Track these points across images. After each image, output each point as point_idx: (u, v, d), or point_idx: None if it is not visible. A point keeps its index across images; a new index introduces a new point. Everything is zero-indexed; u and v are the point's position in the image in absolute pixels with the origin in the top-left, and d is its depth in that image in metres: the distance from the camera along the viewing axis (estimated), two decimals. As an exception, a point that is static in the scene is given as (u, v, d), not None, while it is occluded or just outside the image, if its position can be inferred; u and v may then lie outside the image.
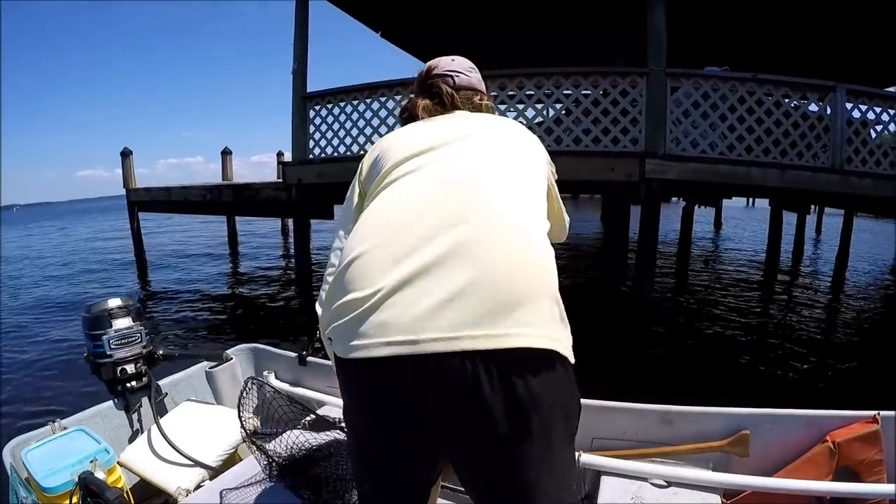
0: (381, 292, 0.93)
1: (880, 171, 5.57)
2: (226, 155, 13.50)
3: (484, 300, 0.90)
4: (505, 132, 1.20)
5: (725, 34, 8.84)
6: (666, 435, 1.89)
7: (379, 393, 0.95)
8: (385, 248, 0.98)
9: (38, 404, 4.44)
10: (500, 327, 0.89)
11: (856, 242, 11.97)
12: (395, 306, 0.92)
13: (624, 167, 5.27)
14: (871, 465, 1.71)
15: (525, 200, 1.07)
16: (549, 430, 0.92)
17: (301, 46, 6.98)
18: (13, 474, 1.85)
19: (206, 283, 10.14)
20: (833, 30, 8.46)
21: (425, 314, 0.90)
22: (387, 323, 0.91)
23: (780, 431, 1.81)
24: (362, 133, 6.50)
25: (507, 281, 0.92)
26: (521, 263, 0.95)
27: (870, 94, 5.68)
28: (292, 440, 1.98)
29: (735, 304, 8.23)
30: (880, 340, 6.66)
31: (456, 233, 0.95)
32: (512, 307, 0.90)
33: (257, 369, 2.81)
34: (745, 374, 5.33)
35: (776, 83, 5.40)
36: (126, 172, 9.91)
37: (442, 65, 1.37)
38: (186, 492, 1.93)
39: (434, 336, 0.88)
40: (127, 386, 2.37)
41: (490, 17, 8.91)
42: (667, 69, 5.32)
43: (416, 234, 0.97)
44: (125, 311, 2.37)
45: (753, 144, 5.37)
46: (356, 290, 0.96)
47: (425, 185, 1.06)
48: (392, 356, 0.89)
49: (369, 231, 1.04)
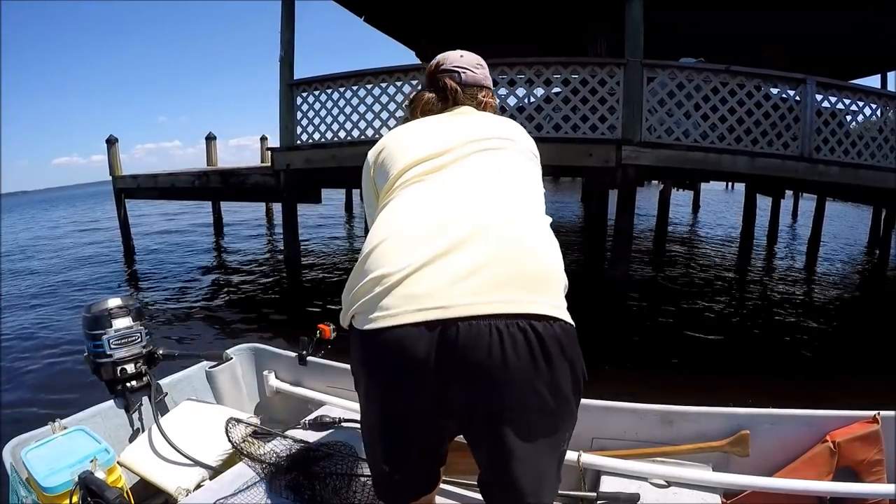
0: (408, 268, 0.99)
1: (848, 160, 5.81)
2: (210, 140, 13.44)
3: (507, 272, 0.98)
4: (506, 133, 1.27)
5: (706, 23, 9.03)
6: (666, 435, 1.90)
7: (406, 356, 0.97)
8: (408, 234, 1.05)
9: (38, 404, 4.42)
10: (521, 296, 0.97)
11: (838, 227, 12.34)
12: (421, 280, 0.98)
13: (601, 153, 5.48)
14: (871, 465, 1.72)
15: (533, 198, 1.17)
16: (559, 385, 0.99)
17: (288, 33, 7.03)
18: (13, 474, 1.85)
19: (194, 271, 10.14)
20: (806, 22, 8.72)
21: (452, 283, 0.97)
22: (414, 294, 0.97)
23: (780, 431, 1.83)
24: (349, 119, 6.61)
25: (524, 259, 1.02)
26: (536, 247, 1.06)
27: (839, 86, 5.92)
28: (292, 440, 2.02)
29: (706, 282, 8.65)
30: (842, 318, 7.05)
31: (475, 222, 1.03)
32: (531, 281, 1.00)
33: (257, 369, 2.82)
34: (714, 346, 5.68)
35: (749, 75, 5.60)
36: (112, 160, 9.84)
37: (450, 60, 1.40)
38: (186, 492, 1.92)
39: (462, 302, 0.95)
40: (127, 386, 2.37)
41: (476, 4, 9.00)
42: (643, 60, 5.51)
43: (438, 223, 1.04)
44: (125, 311, 2.37)
45: (726, 133, 5.59)
46: (380, 268, 1.01)
47: (445, 185, 1.13)
48: (422, 322, 0.95)
49: (388, 226, 1.09)
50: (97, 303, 2.37)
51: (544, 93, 5.96)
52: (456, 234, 1.01)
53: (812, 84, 5.64)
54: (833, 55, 10.50)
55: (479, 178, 1.15)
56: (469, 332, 0.94)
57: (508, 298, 0.97)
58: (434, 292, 0.97)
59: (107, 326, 2.32)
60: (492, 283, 0.97)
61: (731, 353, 5.42)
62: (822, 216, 11.14)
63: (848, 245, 13.46)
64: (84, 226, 21.82)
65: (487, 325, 0.94)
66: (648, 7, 5.53)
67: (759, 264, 10.70)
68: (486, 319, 0.94)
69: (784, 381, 4.52)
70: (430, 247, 1.01)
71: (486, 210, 1.07)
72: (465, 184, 1.13)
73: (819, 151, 5.72)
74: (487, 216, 1.05)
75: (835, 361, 5.23)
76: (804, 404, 1.87)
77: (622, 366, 4.72)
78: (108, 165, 9.89)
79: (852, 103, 5.90)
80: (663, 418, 1.91)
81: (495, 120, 1.33)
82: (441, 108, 1.35)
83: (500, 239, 1.02)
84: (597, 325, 5.66)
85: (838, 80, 6.11)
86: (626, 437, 1.95)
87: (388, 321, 0.97)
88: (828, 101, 5.80)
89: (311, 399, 2.52)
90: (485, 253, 1.00)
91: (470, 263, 0.98)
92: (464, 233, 1.02)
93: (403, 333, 0.96)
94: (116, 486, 1.80)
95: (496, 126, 1.29)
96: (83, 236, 17.72)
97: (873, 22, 8.36)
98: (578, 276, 8.17)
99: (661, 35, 7.06)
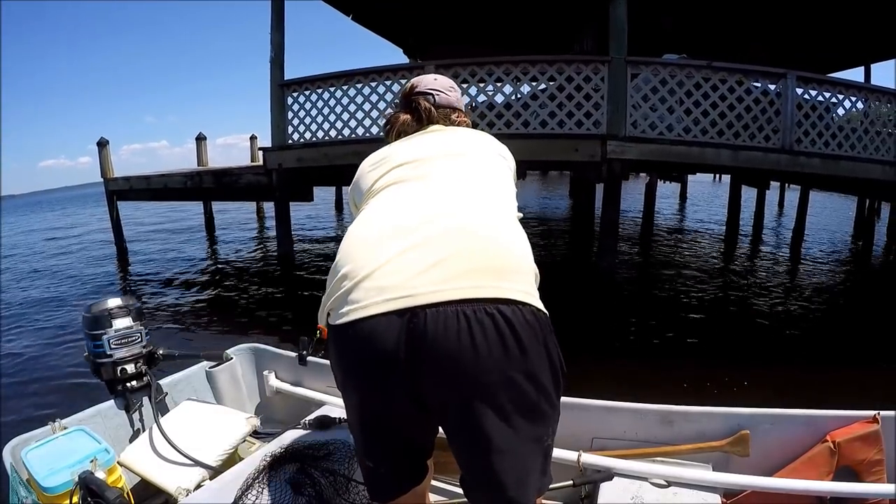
0: (374, 263, 1.03)
1: (829, 151, 5.96)
2: (200, 141, 13.48)
3: (471, 262, 1.00)
4: (471, 139, 1.33)
5: (691, 20, 9.20)
6: (666, 435, 1.90)
7: (377, 347, 0.98)
8: (375, 235, 1.09)
9: (38, 404, 4.39)
10: (487, 282, 0.99)
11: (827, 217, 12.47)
12: (388, 273, 1.01)
13: (587, 148, 5.61)
14: (871, 464, 1.72)
15: (498, 196, 1.20)
16: (535, 374, 0.99)
17: (278, 35, 7.11)
18: (13, 474, 1.84)
19: (189, 272, 10.12)
20: (790, 18, 8.90)
21: (417, 274, 0.99)
22: (382, 286, 1.00)
23: (780, 431, 1.82)
24: (339, 118, 6.71)
25: (489, 249, 1.04)
26: (501, 238, 1.08)
27: (819, 80, 6.07)
28: (292, 440, 2.01)
29: (691, 272, 8.83)
30: (820, 303, 7.23)
31: (440, 219, 1.07)
32: (497, 270, 1.01)
33: (257, 369, 2.81)
34: (698, 327, 5.91)
35: (730, 70, 5.74)
36: (104, 162, 9.85)
37: (424, 83, 1.46)
38: (186, 492, 1.91)
39: (428, 290, 0.97)
40: (127, 386, 2.36)
41: (463, 2, 9.12)
42: (627, 57, 5.64)
43: (403, 223, 1.09)
44: (125, 311, 2.36)
45: (708, 127, 5.73)
46: (348, 265, 1.06)
47: (408, 191, 1.18)
48: (390, 311, 0.97)
49: (358, 229, 1.15)
50: (97, 303, 2.36)
51: (531, 90, 6.09)
52: (421, 231, 1.05)
53: (793, 78, 5.79)
54: (818, 49, 10.71)
55: (442, 179, 1.19)
56: (436, 319, 0.95)
57: (475, 284, 0.99)
58: (401, 283, 0.99)
59: (107, 326, 2.31)
60: (458, 271, 0.99)
61: (714, 336, 5.64)
62: (807, 207, 11.33)
63: (834, 234, 13.71)
64: (81, 228, 21.69)
65: (455, 311, 0.95)
66: (633, 6, 5.66)
67: (744, 254, 10.93)
68: (453, 305, 0.96)
69: (773, 366, 4.71)
70: (395, 243, 1.04)
71: (450, 207, 1.11)
72: (428, 186, 1.17)
73: (800, 143, 5.88)
74: (451, 212, 1.09)
75: (816, 345, 5.42)
76: (801, 401, 1.89)
77: (609, 351, 4.89)
78: (100, 168, 9.91)
79: (832, 96, 6.05)
80: (663, 418, 1.91)
81: (462, 131, 1.38)
82: (416, 129, 1.39)
83: (464, 232, 1.05)
84: (586, 312, 5.85)
85: (822, 73, 6.26)
86: (626, 436, 1.95)
87: (358, 313, 1.00)
88: (808, 94, 5.95)
89: (311, 399, 2.51)
90: (450, 245, 1.03)
91: (435, 256, 1.01)
92: (429, 229, 1.05)
93: (374, 324, 0.98)
94: (116, 486, 1.80)
95: (461, 135, 1.35)
96: (77, 240, 17.67)
97: (854, 15, 8.54)
98: (567, 267, 8.40)
99: (646, 32, 7.21)
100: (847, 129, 6.02)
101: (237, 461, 2.02)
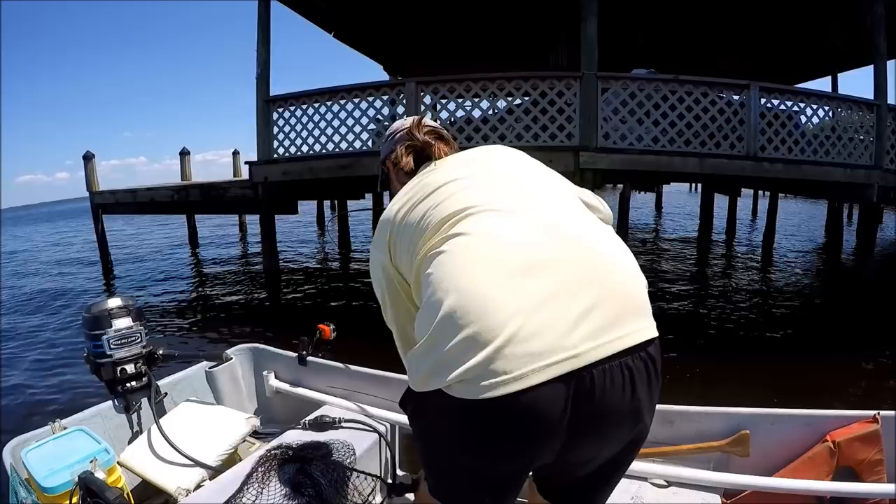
0: (515, 322, 0.86)
1: (791, 157, 6.32)
2: (184, 155, 13.57)
3: (620, 303, 0.93)
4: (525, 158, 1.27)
5: (662, 36, 9.59)
6: (666, 435, 1.87)
7: (540, 418, 0.88)
8: (496, 274, 0.92)
9: (38, 404, 4.44)
10: (638, 324, 0.95)
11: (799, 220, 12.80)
12: (539, 333, 0.87)
13: (561, 159, 5.86)
14: (871, 464, 1.71)
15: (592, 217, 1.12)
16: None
17: (264, 51, 7.28)
18: (13, 474, 1.83)
19: (176, 285, 10.21)
20: (757, 31, 9.30)
21: (571, 329, 0.88)
22: (536, 352, 0.86)
23: (780, 431, 1.82)
24: (324, 133, 6.89)
25: (626, 284, 0.98)
26: (628, 268, 1.01)
27: (781, 90, 6.43)
28: (292, 440, 2.01)
29: (668, 276, 9.21)
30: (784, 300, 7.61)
31: (566, 255, 0.95)
32: (640, 307, 0.97)
33: (257, 369, 2.80)
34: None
35: (696, 83, 6.07)
36: (89, 175, 9.90)
37: (424, 120, 1.39)
38: (186, 492, 1.91)
39: (589, 346, 0.88)
40: (127, 386, 2.35)
41: (441, 18, 9.38)
42: (598, 73, 5.95)
43: (524, 260, 0.93)
44: (125, 311, 2.35)
45: (676, 137, 6.05)
46: (476, 325, 0.87)
47: (512, 215, 1.01)
48: (553, 378, 0.86)
49: (464, 266, 0.94)
50: (97, 303, 2.35)
51: (506, 105, 6.37)
52: (554, 272, 0.92)
53: (756, 89, 6.14)
54: (784, 61, 11.15)
55: (539, 198, 1.08)
56: (603, 377, 0.88)
57: (629, 330, 0.92)
58: (557, 344, 0.87)
59: (107, 326, 2.29)
60: (610, 317, 0.91)
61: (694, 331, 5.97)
62: (776, 212, 11.77)
63: (803, 237, 14.28)
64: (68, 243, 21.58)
65: (619, 365, 0.90)
66: (606, 22, 5.97)
67: (716, 259, 11.37)
68: (616, 359, 0.90)
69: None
70: (529, 284, 0.90)
71: (571, 240, 0.99)
72: (530, 207, 1.04)
73: (764, 151, 6.22)
74: (576, 247, 0.98)
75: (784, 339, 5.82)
76: (801, 400, 1.93)
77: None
78: (86, 181, 9.96)
79: (794, 105, 6.41)
80: (663, 418, 1.88)
81: (496, 148, 1.31)
82: (448, 153, 1.30)
83: (599, 269, 0.96)
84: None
85: (790, 84, 6.58)
86: None
87: (512, 386, 0.85)
88: (771, 103, 6.31)
89: (310, 399, 2.49)
90: (593, 285, 0.93)
91: (582, 303, 0.90)
92: (563, 270, 0.93)
93: (535, 396, 0.85)
94: (116, 486, 1.79)
95: (506, 152, 1.28)
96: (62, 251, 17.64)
97: (819, 28, 8.97)
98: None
99: (620, 47, 7.51)
100: (809, 135, 6.37)
101: (237, 461, 2.03)
